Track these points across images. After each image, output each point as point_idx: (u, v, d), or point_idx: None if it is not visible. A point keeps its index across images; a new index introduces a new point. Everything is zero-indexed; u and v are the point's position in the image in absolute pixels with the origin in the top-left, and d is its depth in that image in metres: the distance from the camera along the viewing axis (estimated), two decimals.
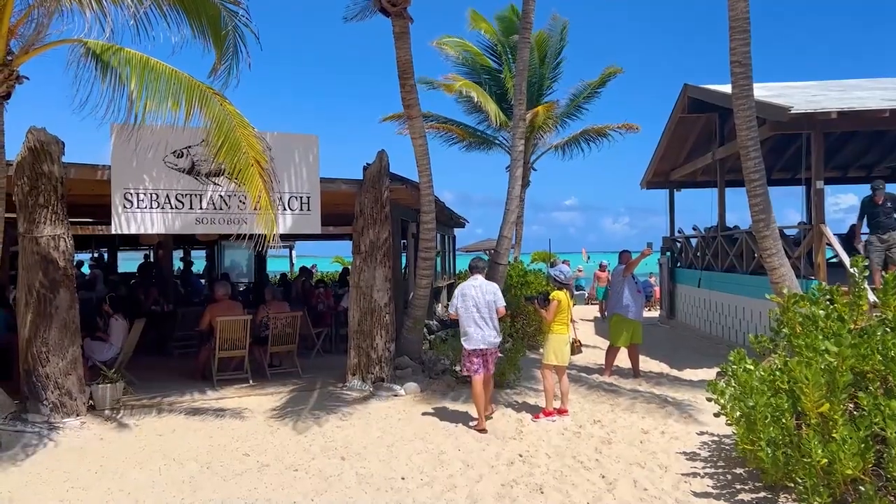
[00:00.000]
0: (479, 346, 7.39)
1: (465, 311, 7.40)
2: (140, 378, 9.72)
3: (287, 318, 10.30)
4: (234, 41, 8.99)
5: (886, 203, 10.45)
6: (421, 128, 9.97)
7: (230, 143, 6.82)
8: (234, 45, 9.03)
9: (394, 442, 6.86)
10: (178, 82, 6.83)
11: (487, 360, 7.53)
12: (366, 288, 9.36)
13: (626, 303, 10.24)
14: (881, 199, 10.44)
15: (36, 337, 7.60)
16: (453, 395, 8.84)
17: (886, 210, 10.42)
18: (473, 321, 7.38)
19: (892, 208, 10.53)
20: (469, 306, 7.39)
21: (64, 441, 6.90)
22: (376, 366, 9.37)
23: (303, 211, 9.20)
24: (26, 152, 7.58)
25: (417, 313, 10.26)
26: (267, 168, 7.04)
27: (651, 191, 19.78)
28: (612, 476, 5.83)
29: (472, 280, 7.61)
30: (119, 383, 8.35)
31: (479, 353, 7.43)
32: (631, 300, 10.24)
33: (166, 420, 7.78)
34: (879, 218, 10.40)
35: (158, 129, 7.86)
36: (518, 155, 13.05)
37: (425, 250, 10.17)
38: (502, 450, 6.60)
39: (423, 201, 10.01)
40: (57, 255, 7.70)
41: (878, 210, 10.43)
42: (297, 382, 9.68)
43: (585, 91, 20.81)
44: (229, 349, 9.75)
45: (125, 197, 8.31)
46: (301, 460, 6.28)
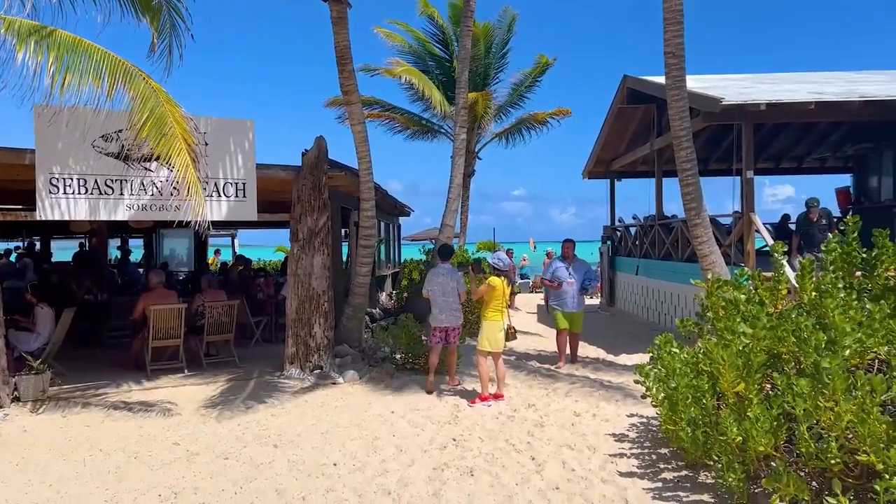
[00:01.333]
0: (442, 324, 8.41)
1: (433, 294, 8.43)
2: (72, 369, 9.45)
3: (223, 307, 10.13)
4: (170, 16, 8.79)
5: (821, 220, 11.07)
6: (360, 114, 9.91)
7: (155, 118, 6.63)
8: (169, 20, 8.83)
9: (329, 429, 6.84)
10: (100, 59, 6.61)
11: (449, 336, 8.54)
12: (304, 276, 9.28)
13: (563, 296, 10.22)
14: (815, 216, 11.06)
15: None
16: (392, 383, 8.85)
17: (821, 227, 11.00)
18: (438, 303, 8.38)
19: (827, 225, 11.09)
20: (436, 290, 8.41)
21: None
22: (315, 354, 9.32)
23: (238, 198, 9.04)
24: None
25: (357, 301, 10.23)
26: (195, 147, 6.89)
27: (595, 182, 20.11)
28: (541, 458, 5.94)
29: (441, 267, 8.57)
30: (45, 374, 8.10)
31: (442, 330, 8.46)
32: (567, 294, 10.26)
33: (95, 411, 7.58)
34: (814, 234, 10.93)
35: (84, 111, 7.61)
36: (460, 144, 13.12)
37: (365, 238, 10.13)
38: (436, 434, 6.65)
39: (363, 188, 9.97)
40: None
41: (814, 228, 11.04)
42: (233, 372, 9.55)
43: (526, 81, 21.01)
44: (163, 338, 9.55)
45: (50, 182, 8.02)
46: (232, 449, 6.21)
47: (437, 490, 5.20)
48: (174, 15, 8.85)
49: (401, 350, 9.85)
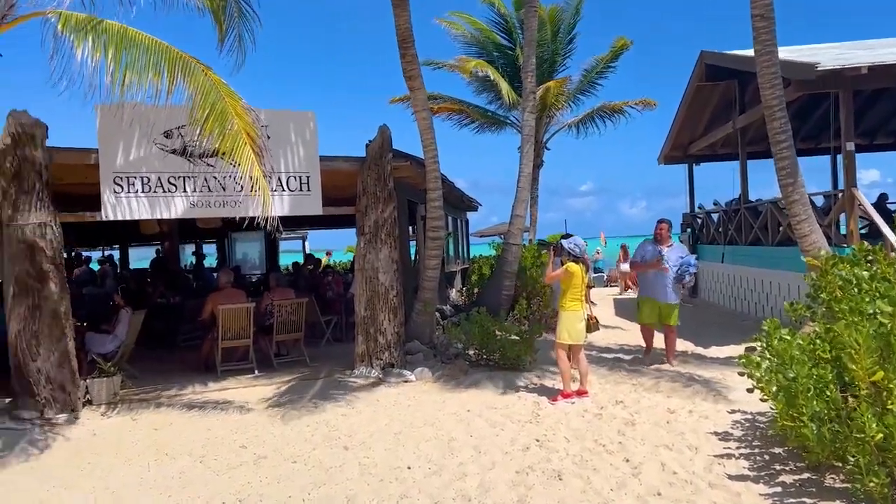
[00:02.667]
0: None
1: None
2: (144, 371, 9.39)
3: (292, 305, 9.88)
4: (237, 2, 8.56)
5: None
6: (424, 100, 9.48)
7: (216, 112, 6.37)
8: (236, 6, 8.60)
9: (402, 429, 6.42)
10: (158, 52, 6.38)
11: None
12: (371, 270, 8.91)
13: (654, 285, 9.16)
14: None
15: (25, 330, 7.23)
16: (466, 380, 8.37)
17: None
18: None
19: None
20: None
21: (54, 438, 6.53)
22: (385, 351, 8.93)
23: (302, 191, 8.75)
24: (7, 137, 7.19)
25: (427, 295, 9.80)
26: (258, 140, 6.58)
27: (668, 173, 19.18)
28: (637, 459, 5.34)
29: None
30: (116, 377, 7.99)
31: None
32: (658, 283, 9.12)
33: (164, 413, 7.39)
34: None
35: (145, 109, 7.48)
36: (529, 131, 12.55)
37: (433, 230, 9.69)
38: (517, 434, 6.13)
39: (429, 178, 9.53)
40: (44, 243, 7.32)
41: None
42: (303, 371, 9.27)
43: (598, 66, 20.16)
44: (232, 339, 9.36)
45: (115, 182, 7.90)
46: (301, 451, 5.85)
47: (523, 496, 4.69)
48: (242, 2, 8.60)
49: (474, 346, 9.37)
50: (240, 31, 8.59)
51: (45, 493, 5.10)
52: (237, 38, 8.59)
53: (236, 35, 8.57)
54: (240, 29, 8.66)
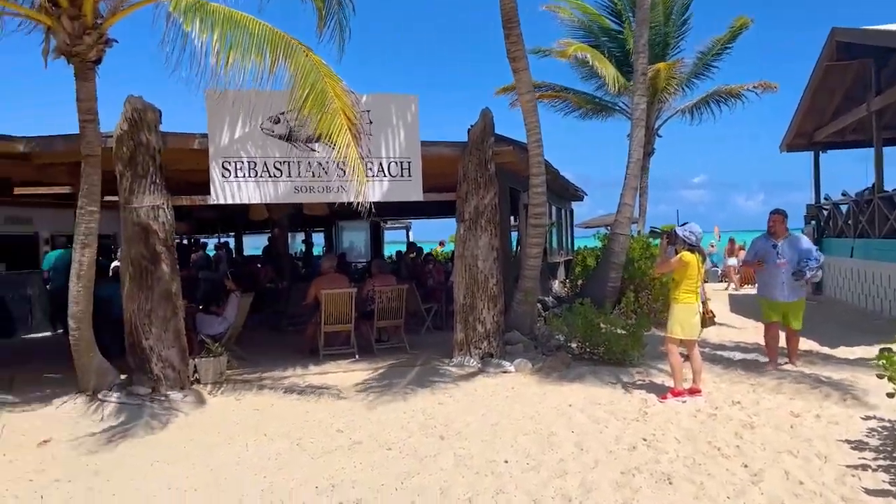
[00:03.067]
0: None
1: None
2: (250, 353, 9.63)
3: (393, 292, 9.85)
4: None
5: None
6: (528, 82, 9.15)
7: (315, 93, 6.33)
8: None
9: (499, 421, 6.19)
10: (261, 34, 6.40)
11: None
12: (470, 258, 8.71)
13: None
14: None
15: (138, 309, 7.52)
16: (568, 373, 8.04)
17: None
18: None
19: None
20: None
21: (162, 414, 6.73)
22: (484, 340, 8.72)
23: (403, 177, 8.66)
24: (124, 123, 7.48)
25: (528, 285, 9.50)
26: (356, 122, 6.51)
27: (788, 164, 18.09)
28: (756, 465, 4.87)
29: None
30: (223, 357, 8.19)
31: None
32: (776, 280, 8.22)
33: (266, 395, 7.50)
34: None
35: (251, 94, 7.60)
36: (640, 114, 12.00)
37: (535, 217, 9.37)
38: (623, 432, 5.76)
39: (531, 163, 9.21)
40: (157, 226, 7.58)
41: None
42: (403, 358, 9.21)
43: (714, 48, 19.05)
44: (335, 323, 9.44)
45: (223, 166, 8.09)
46: (396, 438, 5.74)
47: (628, 500, 4.34)
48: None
49: (577, 338, 9.01)
50: (339, 18, 8.58)
51: (149, 466, 5.22)
52: (337, 25, 8.59)
53: (336, 22, 8.57)
54: (339, 16, 8.66)
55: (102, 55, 6.65)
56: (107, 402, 6.88)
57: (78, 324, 6.88)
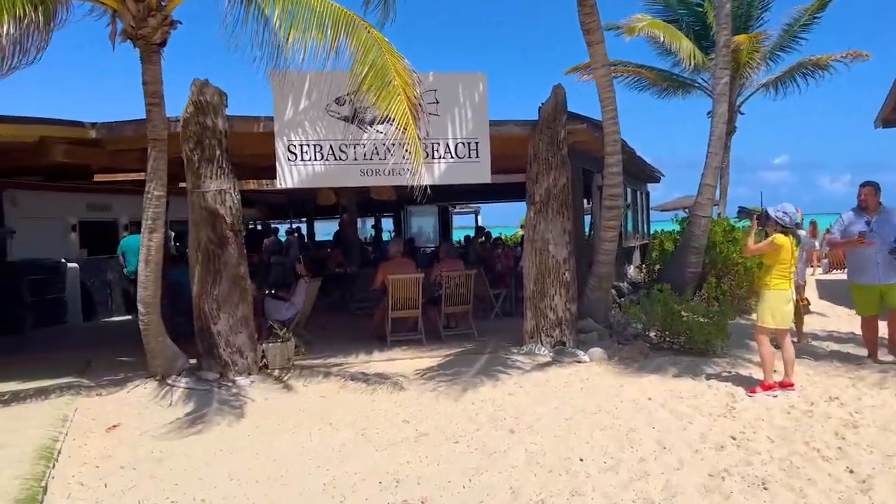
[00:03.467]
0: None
1: None
2: (319, 338, 9.58)
3: (461, 277, 9.57)
4: None
5: None
6: (603, 55, 8.65)
7: (375, 69, 6.11)
8: None
9: (573, 415, 5.83)
10: (322, 9, 6.21)
11: None
12: (541, 242, 8.33)
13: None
14: None
15: (206, 294, 7.50)
16: (646, 364, 7.60)
17: None
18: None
19: None
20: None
21: (229, 400, 6.67)
22: (556, 328, 8.35)
23: (470, 158, 8.35)
24: (190, 106, 7.43)
25: (603, 270, 9.06)
26: (417, 101, 6.24)
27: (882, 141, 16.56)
28: (864, 471, 4.37)
29: None
30: (290, 343, 8.10)
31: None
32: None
33: (333, 381, 7.36)
34: None
35: (317, 75, 7.44)
36: (721, 89, 11.29)
37: (610, 198, 8.90)
38: (709, 430, 5.32)
39: (607, 141, 8.73)
40: (223, 210, 7.52)
41: None
42: (471, 345, 8.95)
43: (802, 18, 17.87)
44: (402, 309, 9.25)
45: (289, 149, 7.97)
46: (464, 431, 5.47)
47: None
48: None
49: (656, 326, 8.54)
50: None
51: (213, 454, 5.12)
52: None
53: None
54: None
55: (167, 38, 6.58)
56: (175, 388, 6.89)
57: (146, 308, 6.89)
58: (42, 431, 5.46)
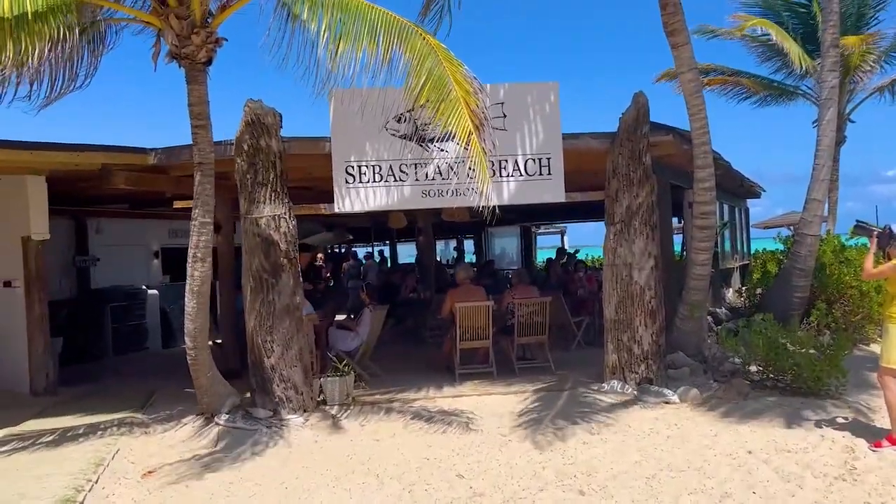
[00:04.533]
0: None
1: None
2: (387, 369, 9.06)
3: (535, 305, 8.83)
4: None
5: None
6: (690, 58, 7.77)
7: (433, 79, 5.55)
8: None
9: (656, 472, 4.99)
10: (374, 18, 5.71)
11: None
12: (622, 266, 7.49)
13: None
14: None
15: (260, 326, 7.09)
16: (745, 406, 6.62)
17: None
18: None
19: None
20: None
21: (278, 442, 6.19)
22: (641, 364, 7.47)
23: (542, 175, 7.63)
24: (244, 127, 7.10)
25: (695, 297, 8.09)
26: (480, 112, 5.62)
27: None
28: None
29: None
30: (350, 377, 7.57)
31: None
32: None
33: (391, 421, 6.78)
34: None
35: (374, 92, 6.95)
36: (829, 93, 10.11)
37: (702, 216, 7.95)
38: (825, 498, 4.38)
39: (696, 153, 7.82)
40: (278, 236, 7.12)
41: None
42: (546, 380, 8.16)
43: None
44: (471, 339, 8.59)
45: (347, 171, 7.51)
46: (524, 490, 4.74)
47: None
48: None
49: (757, 361, 7.51)
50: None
51: None
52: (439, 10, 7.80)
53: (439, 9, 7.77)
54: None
55: (213, 55, 6.26)
56: (219, 427, 6.48)
57: (194, 342, 6.54)
58: (69, 479, 5.08)
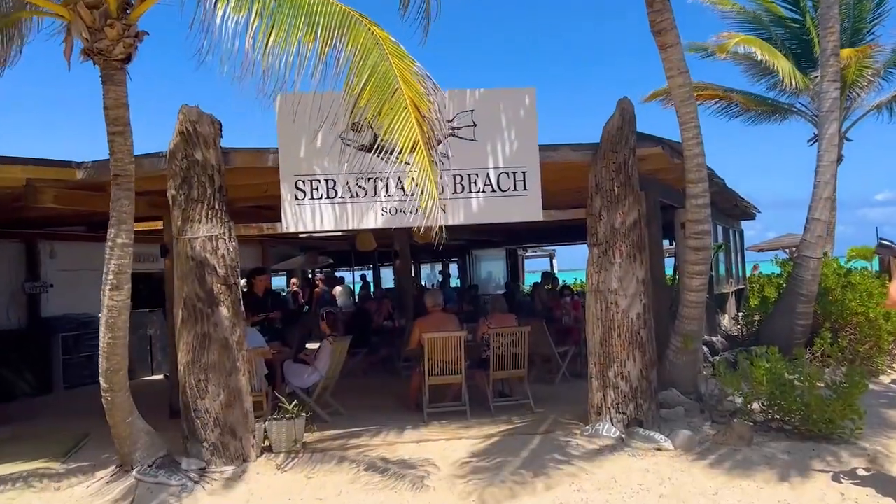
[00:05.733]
0: None
1: None
2: (351, 406, 8.20)
3: (513, 335, 7.95)
4: None
5: None
6: (679, 61, 6.99)
7: (377, 76, 4.73)
8: None
9: None
10: (311, 5, 4.89)
11: None
12: (607, 293, 6.64)
13: None
14: None
15: (192, 362, 6.19)
16: (751, 456, 5.74)
17: None
18: None
19: None
20: None
21: (199, 500, 5.27)
22: (629, 403, 6.58)
23: (517, 190, 6.81)
24: (177, 137, 6.27)
25: (688, 327, 7.25)
26: (430, 116, 4.81)
27: None
28: None
29: None
30: (300, 419, 6.63)
31: None
32: None
33: (342, 473, 5.85)
34: None
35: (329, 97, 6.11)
36: (831, 105, 9.38)
37: (695, 236, 7.13)
38: None
39: (688, 167, 7.02)
40: (215, 260, 6.24)
41: None
42: (524, 419, 7.28)
43: None
44: (441, 374, 7.71)
45: (296, 186, 6.65)
46: None
47: None
48: None
49: (761, 399, 6.64)
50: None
51: None
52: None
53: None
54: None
55: (132, 52, 5.41)
56: (132, 481, 5.54)
57: (109, 383, 5.60)
58: None
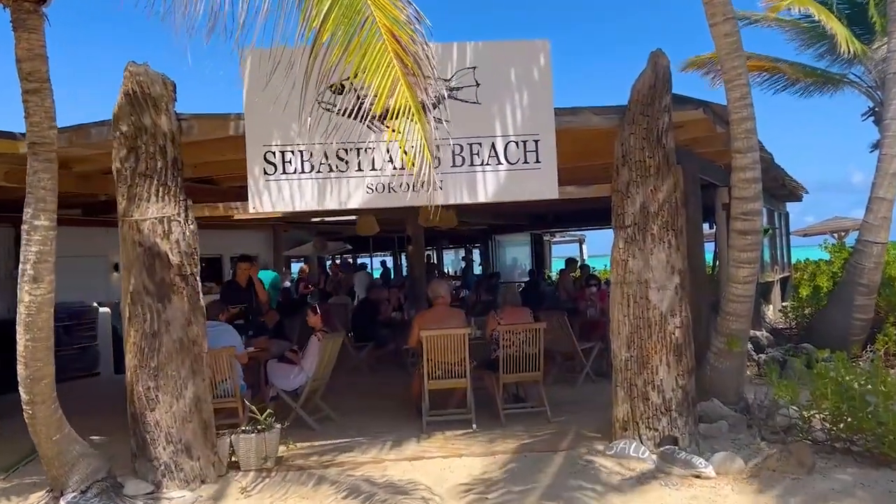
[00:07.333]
0: None
1: None
2: (346, 409, 7.33)
3: (526, 332, 6.88)
4: None
5: None
6: (727, 5, 5.78)
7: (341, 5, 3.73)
8: None
9: None
10: None
11: None
12: (636, 285, 5.50)
13: None
14: None
15: (140, 366, 5.25)
16: (811, 484, 4.62)
17: None
18: None
19: None
20: None
21: None
22: (662, 416, 5.48)
23: (528, 163, 5.70)
24: (122, 99, 5.29)
25: (734, 326, 6.08)
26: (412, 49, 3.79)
27: None
28: None
29: None
30: (273, 432, 5.67)
31: None
32: None
33: (317, 499, 4.91)
34: None
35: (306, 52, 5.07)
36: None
37: (744, 217, 5.94)
38: None
39: (735, 133, 5.82)
40: (167, 245, 5.28)
41: None
42: (538, 432, 6.24)
43: None
44: (442, 377, 6.71)
45: (265, 158, 5.65)
46: None
47: None
48: None
49: (822, 413, 5.50)
50: None
51: None
52: None
53: None
54: None
55: None
56: None
57: (30, 394, 4.62)
58: None
